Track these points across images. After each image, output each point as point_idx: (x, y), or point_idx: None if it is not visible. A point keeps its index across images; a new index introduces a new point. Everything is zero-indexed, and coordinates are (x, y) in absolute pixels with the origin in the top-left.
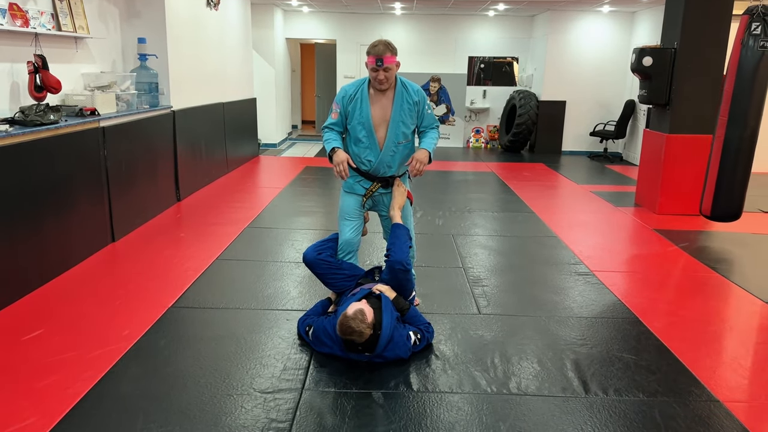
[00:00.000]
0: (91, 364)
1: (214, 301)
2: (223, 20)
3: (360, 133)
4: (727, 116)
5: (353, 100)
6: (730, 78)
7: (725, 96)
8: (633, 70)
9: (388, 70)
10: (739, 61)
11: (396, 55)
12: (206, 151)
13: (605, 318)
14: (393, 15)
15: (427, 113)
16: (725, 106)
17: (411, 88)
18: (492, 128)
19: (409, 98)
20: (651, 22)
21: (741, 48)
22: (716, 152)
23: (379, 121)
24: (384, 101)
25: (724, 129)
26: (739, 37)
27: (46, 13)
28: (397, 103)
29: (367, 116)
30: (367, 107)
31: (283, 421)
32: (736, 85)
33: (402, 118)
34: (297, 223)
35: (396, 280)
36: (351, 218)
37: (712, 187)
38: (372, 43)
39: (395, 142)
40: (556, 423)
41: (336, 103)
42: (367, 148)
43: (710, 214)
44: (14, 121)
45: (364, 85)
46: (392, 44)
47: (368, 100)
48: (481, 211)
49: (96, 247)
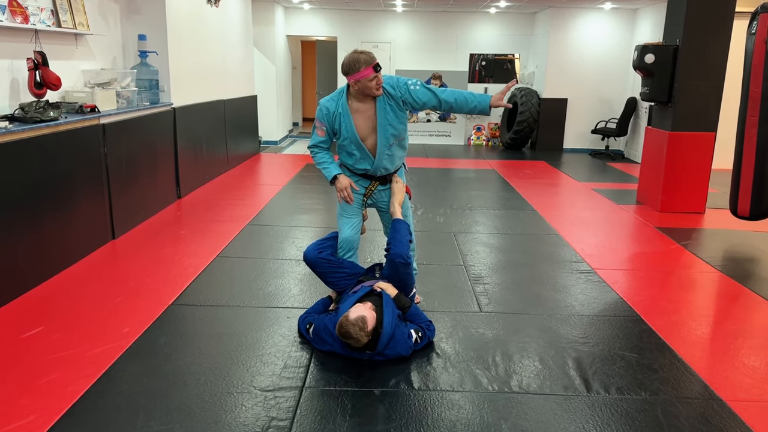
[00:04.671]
0: (91, 361)
1: (215, 298)
2: (224, 17)
3: (350, 147)
4: (757, 116)
5: (336, 117)
6: (756, 77)
7: (753, 96)
8: (635, 67)
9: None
10: (767, 59)
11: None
12: (207, 149)
13: (607, 316)
14: (394, 12)
15: (415, 90)
16: (754, 106)
17: (389, 85)
18: (493, 126)
19: (389, 99)
20: (653, 19)
21: (765, 47)
22: (749, 152)
23: (367, 132)
24: (367, 110)
25: (756, 128)
26: (762, 36)
27: (46, 10)
28: (380, 108)
29: (352, 132)
30: (350, 123)
31: (283, 420)
32: (765, 84)
33: (389, 120)
34: (298, 220)
35: (397, 274)
36: (350, 216)
37: (748, 187)
38: (348, 60)
39: (387, 145)
40: (558, 421)
41: (319, 121)
42: (360, 159)
43: (749, 215)
44: (14, 117)
45: (342, 99)
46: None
47: (350, 115)
48: (483, 208)
49: (96, 244)
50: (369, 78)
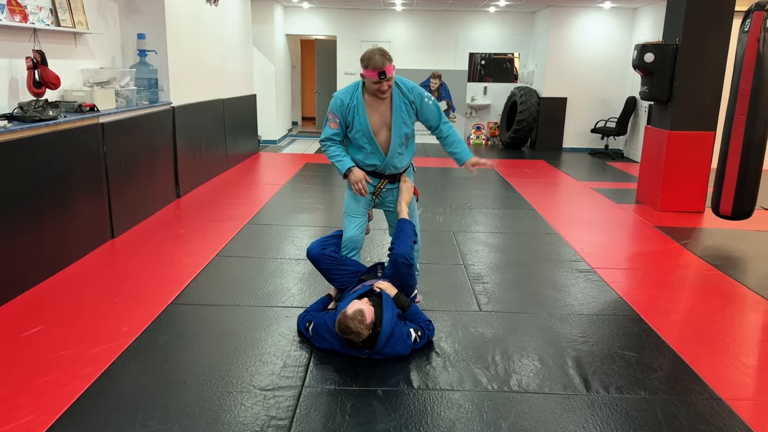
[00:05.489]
0: (91, 361)
1: (214, 298)
2: (223, 16)
3: (361, 140)
4: (745, 114)
5: (350, 109)
6: (746, 76)
7: (742, 94)
8: (634, 66)
9: (390, 79)
10: (758, 58)
11: (392, 61)
12: (206, 148)
13: (606, 315)
14: (394, 11)
15: (427, 104)
16: (743, 104)
17: (405, 87)
18: (493, 125)
19: (405, 98)
20: (652, 18)
21: (758, 45)
22: (734, 151)
23: (379, 127)
24: (381, 106)
25: (743, 127)
26: (755, 34)
27: (45, 9)
28: (396, 105)
29: (365, 124)
30: (364, 115)
31: (282, 419)
32: (755, 83)
33: (403, 119)
34: (297, 219)
35: (399, 274)
36: (356, 215)
37: (731, 186)
38: (366, 54)
39: (399, 143)
40: (558, 421)
41: (332, 113)
42: (371, 154)
43: (731, 214)
44: (13, 116)
45: (358, 92)
46: (387, 53)
47: (364, 107)
48: (482, 208)
49: (95, 243)
50: (372, 80)
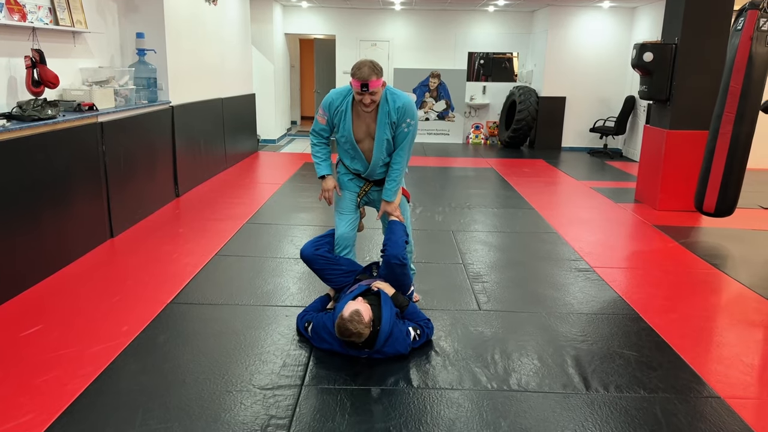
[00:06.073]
0: (90, 360)
1: (213, 297)
2: (222, 15)
3: (345, 145)
4: (734, 113)
5: (338, 112)
6: (737, 74)
7: (732, 92)
8: (633, 65)
9: (374, 93)
10: (750, 57)
11: (382, 76)
12: (205, 147)
13: (605, 314)
14: (392, 10)
15: (403, 131)
16: (732, 102)
17: (394, 104)
18: (492, 124)
19: (389, 117)
20: (651, 17)
21: (750, 43)
22: (721, 149)
23: (363, 135)
24: (368, 116)
25: (731, 125)
26: (748, 32)
27: (44, 8)
28: (381, 120)
29: (349, 131)
30: (349, 122)
31: (282, 418)
32: (745, 82)
33: (387, 135)
34: (296, 219)
35: (393, 274)
36: (346, 212)
37: (716, 183)
38: (357, 64)
39: (383, 155)
40: (557, 419)
41: (322, 109)
42: (355, 159)
43: (714, 211)
44: (11, 116)
45: (349, 97)
46: (378, 66)
47: (351, 114)
48: (481, 207)
49: (94, 242)
50: (356, 90)
